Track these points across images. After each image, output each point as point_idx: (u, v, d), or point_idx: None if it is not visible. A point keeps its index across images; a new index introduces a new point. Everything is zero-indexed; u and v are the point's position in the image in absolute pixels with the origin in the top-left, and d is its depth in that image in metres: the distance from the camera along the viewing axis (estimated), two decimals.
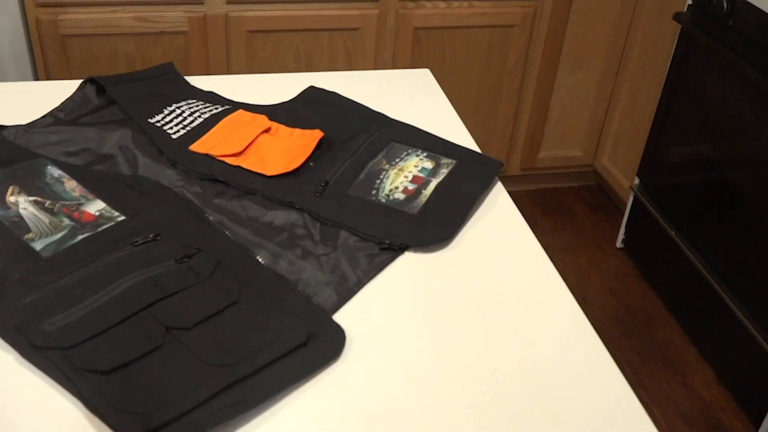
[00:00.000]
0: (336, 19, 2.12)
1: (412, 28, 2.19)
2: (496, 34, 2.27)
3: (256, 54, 2.12)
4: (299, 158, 0.97)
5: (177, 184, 0.93)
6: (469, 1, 2.19)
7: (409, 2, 2.16)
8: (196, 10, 2.02)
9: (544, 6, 2.26)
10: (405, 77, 1.24)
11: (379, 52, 2.21)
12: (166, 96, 1.09)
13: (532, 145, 2.52)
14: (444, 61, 2.27)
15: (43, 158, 0.95)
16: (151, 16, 1.99)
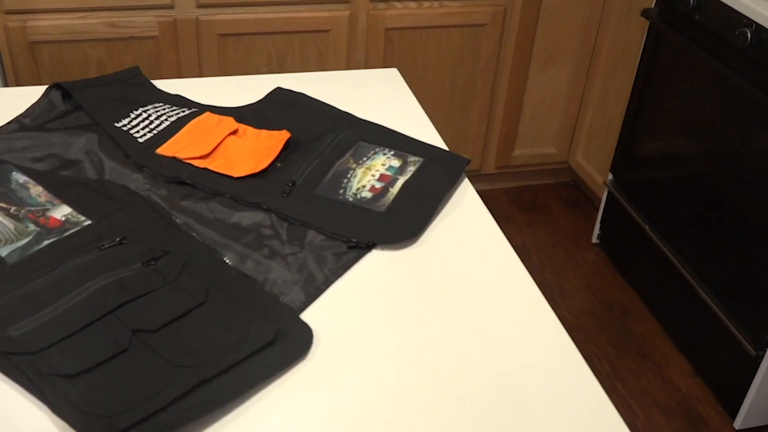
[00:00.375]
0: (307, 22, 2.12)
1: (383, 29, 2.20)
2: (468, 34, 2.28)
3: (227, 57, 2.12)
4: (266, 159, 0.98)
5: (143, 187, 0.93)
6: (439, 1, 2.21)
7: (379, 3, 2.16)
8: (167, 14, 2.01)
9: (515, 5, 2.28)
10: (373, 77, 1.25)
11: (351, 54, 2.22)
12: (132, 100, 1.09)
13: (506, 143, 2.54)
14: (416, 61, 2.28)
15: (7, 164, 0.95)
16: (120, 22, 1.99)
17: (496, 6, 2.26)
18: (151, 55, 2.06)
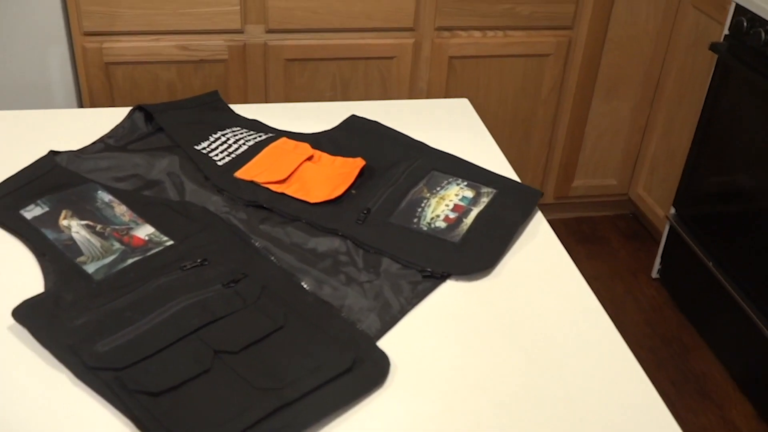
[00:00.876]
0: (372, 48, 2.15)
1: (446, 57, 2.21)
2: (531, 63, 2.29)
3: (293, 82, 2.16)
4: (342, 186, 0.99)
5: (223, 210, 0.96)
6: (503, 30, 2.22)
7: (444, 32, 2.18)
8: (237, 39, 2.06)
9: (579, 35, 2.28)
10: (444, 106, 1.26)
11: (414, 81, 2.24)
12: (211, 123, 1.12)
13: (566, 173, 2.52)
14: (478, 90, 2.29)
15: (93, 183, 0.98)
16: (192, 45, 2.04)
17: (561, 37, 2.26)
18: (220, 77, 2.11)
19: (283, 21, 2.06)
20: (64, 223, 0.91)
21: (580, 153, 2.50)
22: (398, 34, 2.16)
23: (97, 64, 2.01)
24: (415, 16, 2.13)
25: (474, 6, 2.15)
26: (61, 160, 1.02)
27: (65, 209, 0.93)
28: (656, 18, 2.28)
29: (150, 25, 1.99)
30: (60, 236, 0.89)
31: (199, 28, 2.03)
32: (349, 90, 2.21)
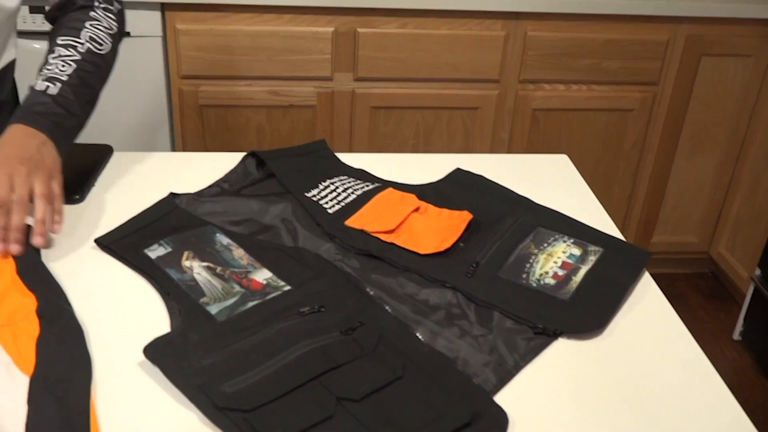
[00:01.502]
0: (457, 99, 2.19)
1: (530, 109, 2.24)
2: (614, 118, 2.29)
3: (377, 128, 2.21)
4: (450, 238, 1.01)
5: (336, 257, 0.98)
6: (588, 84, 2.23)
7: (528, 84, 2.21)
8: (326, 86, 2.13)
9: (664, 92, 2.27)
10: (543, 161, 1.28)
11: (496, 132, 2.27)
12: (320, 171, 1.16)
13: (645, 228, 2.50)
14: (560, 142, 2.30)
15: (212, 226, 1.02)
16: (283, 91, 2.12)
17: (645, 92, 2.26)
18: (307, 122, 2.17)
19: (371, 70, 2.12)
20: (186, 263, 0.95)
21: (660, 209, 2.48)
22: (483, 85, 2.19)
23: (192, 106, 2.10)
24: (500, 68, 2.16)
25: (560, 60, 2.17)
26: (180, 202, 1.07)
27: (187, 250, 0.97)
28: (743, 75, 2.26)
29: (244, 70, 2.07)
30: (183, 276, 0.93)
31: (290, 74, 2.10)
32: (432, 138, 2.25)
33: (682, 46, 2.20)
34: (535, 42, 2.14)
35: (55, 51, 1.11)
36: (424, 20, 2.08)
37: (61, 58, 1.10)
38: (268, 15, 2.02)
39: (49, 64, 1.09)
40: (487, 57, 2.14)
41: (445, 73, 2.15)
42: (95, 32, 1.15)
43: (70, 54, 1.11)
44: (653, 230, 2.51)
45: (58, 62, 1.09)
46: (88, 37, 1.14)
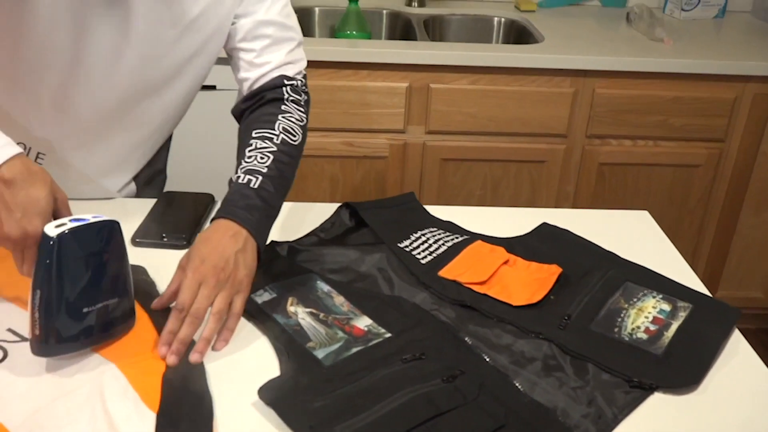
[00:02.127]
0: (525, 152, 2.22)
1: (596, 163, 2.25)
2: (680, 173, 2.29)
3: (446, 179, 2.24)
4: (541, 291, 1.03)
5: (432, 306, 1.01)
6: (654, 140, 2.24)
7: (595, 139, 2.23)
8: (398, 138, 2.18)
9: (731, 148, 2.27)
10: (625, 217, 1.29)
11: (562, 185, 2.28)
12: (411, 223, 1.19)
13: (709, 283, 2.46)
14: (625, 196, 2.31)
15: (312, 273, 1.06)
16: (357, 142, 2.17)
17: (712, 148, 2.26)
18: (379, 173, 2.22)
19: (442, 123, 2.17)
20: (291, 309, 0.99)
21: (725, 264, 2.45)
22: (551, 139, 2.22)
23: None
24: (568, 123, 2.19)
25: (626, 116, 2.19)
26: (281, 250, 1.11)
27: (291, 296, 1.01)
28: None
29: (321, 122, 2.14)
30: (289, 321, 0.96)
31: (364, 127, 2.16)
32: (499, 190, 2.27)
33: (750, 104, 2.20)
34: (603, 99, 2.16)
35: (251, 144, 1.11)
36: (494, 77, 2.13)
37: (259, 150, 1.09)
38: (346, 71, 2.09)
39: (248, 157, 1.09)
40: (555, 112, 2.17)
41: (513, 128, 2.19)
42: (288, 124, 1.15)
43: (266, 146, 1.10)
44: (718, 285, 2.48)
45: (256, 154, 1.09)
46: (281, 129, 1.14)
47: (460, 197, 2.27)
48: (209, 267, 0.94)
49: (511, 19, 2.53)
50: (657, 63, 2.13)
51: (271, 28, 1.17)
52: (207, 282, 0.93)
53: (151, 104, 1.17)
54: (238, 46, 1.18)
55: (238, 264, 0.96)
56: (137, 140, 1.23)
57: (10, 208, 0.86)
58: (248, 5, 1.16)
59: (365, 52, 2.09)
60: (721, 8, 2.59)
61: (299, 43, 1.22)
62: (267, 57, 1.17)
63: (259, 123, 1.14)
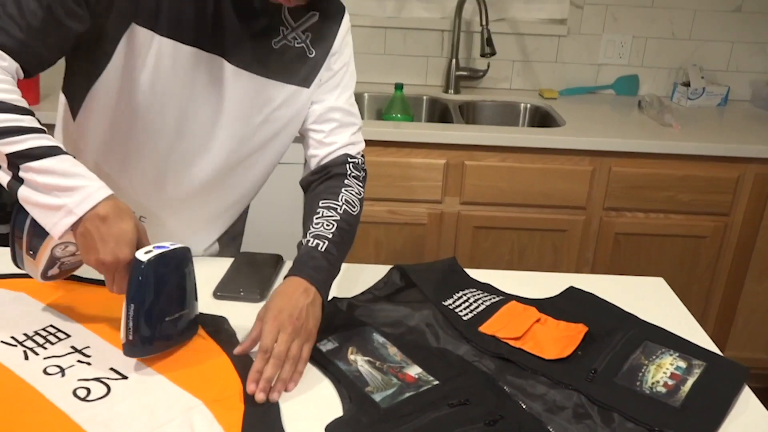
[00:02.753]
0: (548, 222, 2.25)
1: (613, 233, 2.27)
2: (689, 243, 2.30)
3: (478, 245, 2.28)
4: (570, 347, 1.06)
5: (473, 358, 1.04)
6: (665, 213, 2.26)
7: (612, 212, 2.26)
8: (436, 208, 2.23)
9: (735, 221, 2.28)
10: (641, 283, 1.32)
11: (581, 252, 2.30)
12: (453, 284, 1.23)
13: (717, 344, 2.43)
14: (638, 263, 2.32)
15: (369, 327, 1.10)
16: (399, 210, 2.23)
17: (717, 222, 2.27)
18: (418, 238, 2.27)
19: (475, 195, 2.22)
20: (352, 357, 1.03)
21: (732, 326, 2.43)
22: (571, 211, 2.25)
23: None
24: (587, 197, 2.23)
25: (640, 192, 2.22)
26: (341, 305, 1.16)
27: (351, 346, 1.05)
28: None
29: (368, 193, 2.19)
30: (350, 368, 1.00)
31: (406, 197, 2.22)
32: (525, 256, 2.30)
33: (751, 183, 2.23)
34: (619, 176, 2.20)
35: (318, 212, 1.16)
36: (521, 155, 2.19)
37: (325, 218, 1.15)
38: (391, 149, 2.17)
39: (315, 223, 1.15)
40: (575, 187, 2.21)
41: (538, 200, 2.23)
42: (349, 197, 1.21)
43: (331, 215, 1.16)
44: (725, 346, 2.45)
45: (323, 222, 1.15)
46: (344, 200, 1.19)
47: (490, 261, 2.30)
48: (286, 316, 0.99)
49: (535, 105, 2.61)
50: (667, 145, 2.17)
51: (339, 113, 1.24)
52: (285, 329, 0.98)
53: (237, 176, 1.24)
54: (310, 128, 1.25)
55: (308, 316, 1.01)
56: (224, 207, 1.29)
57: (104, 239, 0.94)
58: (321, 93, 1.24)
59: (408, 133, 2.16)
60: (723, 97, 2.64)
61: (360, 127, 1.29)
62: (334, 138, 1.24)
63: (326, 194, 1.20)
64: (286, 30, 1.16)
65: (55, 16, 0.99)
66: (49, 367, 0.97)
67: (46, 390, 0.92)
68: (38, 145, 0.95)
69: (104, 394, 0.93)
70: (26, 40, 0.98)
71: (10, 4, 0.97)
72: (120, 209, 0.97)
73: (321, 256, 1.09)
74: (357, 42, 2.63)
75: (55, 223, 0.95)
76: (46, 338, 1.03)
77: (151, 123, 1.12)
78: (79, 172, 0.97)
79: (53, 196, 0.95)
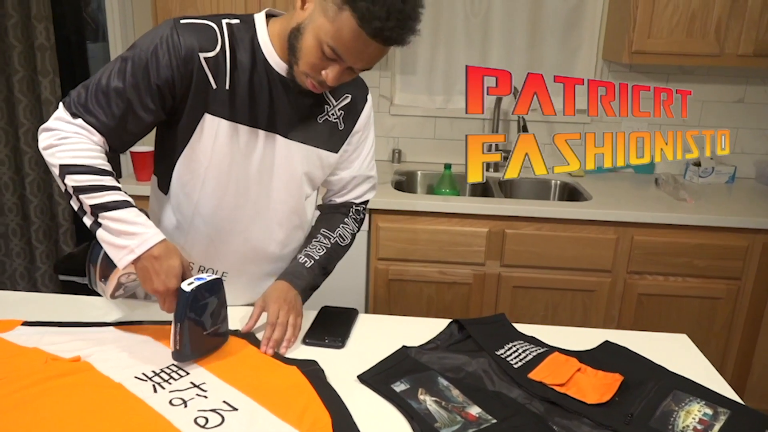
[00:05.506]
0: (578, 283, 2.26)
1: (636, 294, 2.27)
2: (705, 303, 2.27)
3: (517, 303, 2.30)
4: (608, 393, 1.08)
5: (525, 401, 1.07)
6: (683, 276, 2.25)
7: (635, 275, 2.26)
8: (479, 269, 2.27)
9: (746, 284, 2.25)
10: (667, 339, 1.33)
11: (608, 310, 2.30)
12: (504, 336, 1.26)
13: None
14: (660, 321, 2.29)
15: (434, 371, 1.14)
16: (448, 271, 2.27)
17: (730, 285, 2.25)
18: (464, 296, 2.30)
19: (514, 259, 2.25)
20: (422, 397, 1.06)
21: (747, 379, 2.36)
22: (598, 274, 2.26)
23: (383, 280, 2.29)
24: (612, 262, 2.24)
25: (659, 258, 2.22)
26: (410, 352, 1.20)
27: (420, 387, 1.09)
28: None
29: (421, 256, 2.26)
30: (420, 406, 1.04)
31: (453, 260, 2.26)
32: (558, 313, 2.31)
33: (760, 251, 2.21)
34: (640, 244, 2.21)
35: (317, 237, 1.37)
36: (554, 225, 2.22)
37: (319, 242, 1.36)
38: (442, 219, 2.23)
39: (312, 244, 1.35)
40: (601, 253, 2.23)
41: (568, 264, 2.25)
42: (344, 232, 1.40)
43: (324, 242, 1.36)
44: (742, 397, 2.37)
45: (316, 245, 1.36)
46: (338, 234, 1.39)
47: (527, 317, 2.31)
48: (282, 300, 1.24)
49: (565, 181, 2.65)
50: (683, 217, 2.18)
51: (358, 179, 1.42)
52: (283, 308, 1.22)
53: (282, 227, 1.36)
54: (334, 185, 1.43)
55: (297, 300, 1.27)
56: (276, 256, 1.39)
57: (158, 272, 1.10)
58: (346, 162, 1.38)
59: (456, 206, 2.23)
60: (731, 175, 2.65)
61: (374, 185, 1.46)
62: (352, 191, 1.43)
63: (327, 224, 1.40)
64: (329, 107, 1.28)
65: (133, 109, 1.15)
66: (173, 399, 1.03)
67: (173, 418, 0.99)
68: (113, 200, 1.11)
69: (220, 423, 0.98)
70: (110, 124, 1.14)
71: (101, 96, 1.13)
72: (169, 250, 1.11)
73: (306, 272, 1.31)
74: (412, 128, 2.75)
75: (120, 258, 1.10)
76: (170, 375, 1.10)
77: (236, 202, 1.26)
78: (141, 221, 1.11)
79: (121, 239, 1.10)
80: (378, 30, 1.02)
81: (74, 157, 1.11)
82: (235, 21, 1.19)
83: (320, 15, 1.06)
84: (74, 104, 1.13)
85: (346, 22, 1.03)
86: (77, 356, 1.12)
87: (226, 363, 1.13)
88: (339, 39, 1.05)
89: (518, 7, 2.61)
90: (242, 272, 1.34)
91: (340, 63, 1.09)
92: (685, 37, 2.28)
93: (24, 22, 2.68)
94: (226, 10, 2.36)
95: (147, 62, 1.12)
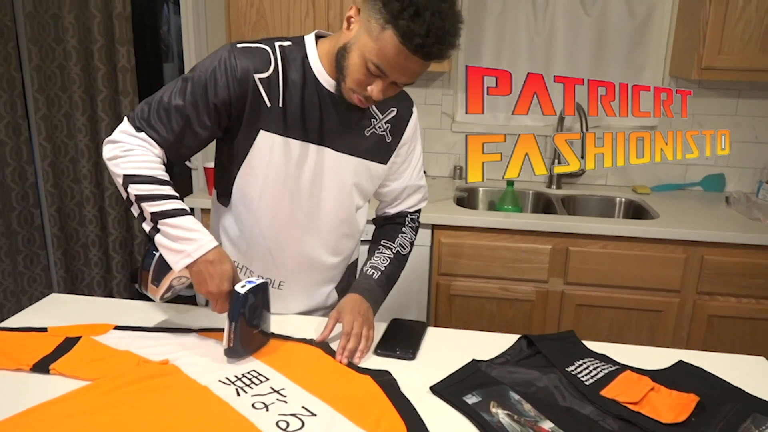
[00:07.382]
0: (645, 302, 2.22)
1: (706, 315, 2.21)
2: None
3: (580, 321, 2.27)
4: (684, 414, 1.07)
5: (597, 417, 1.07)
6: (756, 299, 2.18)
7: (705, 295, 2.20)
8: (542, 287, 2.26)
9: None
10: (744, 361, 1.30)
11: (677, 332, 2.24)
12: (573, 353, 1.27)
13: None
14: (732, 344, 2.22)
15: (505, 386, 1.16)
16: (510, 288, 2.28)
17: None
18: (526, 313, 2.29)
19: (578, 277, 2.23)
20: (494, 410, 1.08)
21: None
22: (666, 294, 2.22)
23: (445, 295, 2.31)
24: (681, 281, 2.19)
25: (731, 278, 2.16)
26: (481, 366, 1.22)
27: (492, 400, 1.11)
28: None
29: (484, 272, 2.27)
30: (492, 419, 1.06)
31: (516, 277, 2.27)
32: (623, 333, 2.27)
33: None
34: (711, 263, 2.16)
35: (379, 248, 1.44)
36: (619, 243, 2.20)
37: (382, 253, 1.43)
38: (504, 235, 2.24)
39: (375, 256, 1.42)
40: (669, 272, 2.18)
41: (634, 283, 2.21)
42: (403, 241, 1.47)
43: (387, 253, 1.43)
44: None
45: (380, 256, 1.42)
46: (398, 244, 1.46)
47: (591, 336, 2.27)
48: (357, 312, 1.28)
49: (629, 199, 2.62)
50: (756, 237, 2.12)
51: (409, 189, 1.48)
52: (357, 319, 1.26)
53: (333, 237, 1.41)
54: (385, 196, 1.49)
55: (369, 312, 1.31)
56: (330, 265, 1.45)
57: (212, 276, 1.18)
58: (396, 173, 1.45)
59: (518, 222, 2.23)
60: None
61: (425, 194, 1.52)
62: (404, 201, 1.49)
63: (386, 235, 1.46)
64: (376, 121, 1.34)
65: (191, 126, 1.23)
66: (256, 402, 1.09)
67: (256, 421, 1.04)
68: (172, 208, 1.18)
69: (300, 427, 1.03)
70: (169, 139, 1.22)
71: (163, 112, 1.21)
72: (222, 255, 1.19)
73: (374, 283, 1.37)
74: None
75: (176, 261, 1.18)
76: (251, 380, 1.16)
77: (291, 214, 1.32)
78: (197, 228, 1.19)
79: (178, 243, 1.18)
80: (419, 46, 1.07)
81: (137, 168, 1.19)
82: (287, 43, 1.27)
83: (364, 34, 1.12)
84: (138, 119, 1.23)
85: (389, 40, 1.08)
86: (166, 359, 1.19)
87: (303, 370, 1.18)
88: (382, 56, 1.10)
89: (582, 25, 2.61)
90: (297, 281, 1.41)
91: (384, 79, 1.15)
92: (758, 51, 2.23)
93: (108, 45, 2.85)
94: (296, 34, 2.46)
95: (206, 83, 1.21)
